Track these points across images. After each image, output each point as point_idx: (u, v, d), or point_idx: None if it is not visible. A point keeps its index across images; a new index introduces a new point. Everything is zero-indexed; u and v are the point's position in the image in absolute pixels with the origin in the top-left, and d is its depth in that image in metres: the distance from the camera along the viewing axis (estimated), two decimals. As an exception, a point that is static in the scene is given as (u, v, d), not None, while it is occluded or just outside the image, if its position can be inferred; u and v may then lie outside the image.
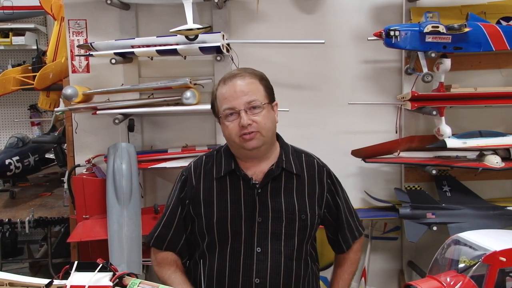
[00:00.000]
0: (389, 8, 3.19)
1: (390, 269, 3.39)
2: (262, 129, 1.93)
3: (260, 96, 1.95)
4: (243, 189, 1.99)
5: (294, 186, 2.02)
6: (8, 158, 4.25)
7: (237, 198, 1.98)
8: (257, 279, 1.93)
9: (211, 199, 2.00)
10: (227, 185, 2.00)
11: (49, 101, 4.71)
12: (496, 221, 2.87)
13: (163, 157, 3.06)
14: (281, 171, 2.01)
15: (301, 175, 2.04)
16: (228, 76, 1.98)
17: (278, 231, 1.96)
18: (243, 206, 1.97)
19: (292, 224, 1.98)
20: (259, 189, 1.97)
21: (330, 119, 3.27)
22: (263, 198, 1.97)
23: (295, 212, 1.98)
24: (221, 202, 1.99)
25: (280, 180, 2.01)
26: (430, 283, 1.65)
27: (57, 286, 1.49)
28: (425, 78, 2.83)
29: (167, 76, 3.11)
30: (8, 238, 4.08)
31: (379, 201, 3.18)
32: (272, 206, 1.97)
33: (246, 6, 3.17)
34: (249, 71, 2.00)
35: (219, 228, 1.97)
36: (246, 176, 1.99)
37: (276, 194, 1.99)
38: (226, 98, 1.94)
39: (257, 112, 1.93)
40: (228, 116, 1.93)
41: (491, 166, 2.91)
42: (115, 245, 2.80)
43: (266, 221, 1.96)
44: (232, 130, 1.93)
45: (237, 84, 1.94)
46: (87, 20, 3.17)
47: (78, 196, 3.03)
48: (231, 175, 2.01)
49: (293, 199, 2.00)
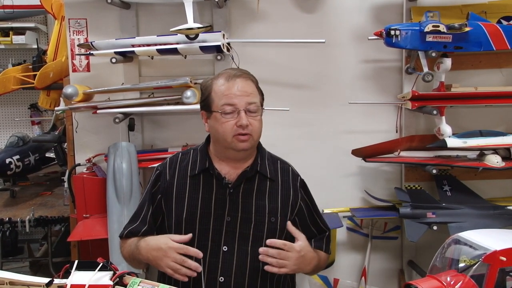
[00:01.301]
0: (389, 8, 3.18)
1: (390, 269, 3.39)
2: (255, 133, 1.96)
3: (258, 101, 1.98)
4: (215, 187, 2.00)
5: (266, 190, 2.03)
6: (9, 157, 4.25)
7: (208, 197, 1.99)
8: (222, 278, 1.94)
9: (183, 195, 2.00)
10: (200, 183, 2.01)
11: (50, 100, 4.71)
12: (496, 221, 2.87)
13: (164, 156, 3.05)
14: (255, 173, 2.02)
15: (275, 180, 2.05)
16: (230, 74, 1.97)
17: (247, 232, 1.96)
18: (213, 204, 1.97)
19: (260, 226, 1.98)
20: (231, 189, 1.98)
21: (330, 118, 3.27)
22: (234, 198, 1.98)
23: (265, 214, 1.99)
24: (192, 199, 1.99)
25: (253, 182, 2.02)
26: (430, 283, 1.65)
27: (57, 285, 1.49)
28: (426, 77, 2.83)
29: (168, 75, 3.11)
30: (8, 237, 4.09)
31: (379, 201, 3.18)
32: (242, 207, 1.98)
33: (246, 6, 3.17)
34: (249, 74, 2.02)
35: (187, 225, 1.97)
36: (220, 175, 2.00)
37: (247, 195, 2.00)
38: (227, 94, 1.93)
39: (254, 116, 1.94)
40: (226, 113, 1.93)
41: (491, 165, 2.91)
42: (116, 244, 2.80)
43: (235, 221, 1.97)
44: (227, 128, 1.93)
45: (240, 83, 1.94)
46: (88, 19, 3.17)
47: (78, 195, 3.03)
48: (205, 174, 2.02)
49: (264, 202, 2.00)
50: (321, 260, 2.08)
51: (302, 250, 1.91)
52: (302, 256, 1.90)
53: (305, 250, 1.93)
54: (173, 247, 1.83)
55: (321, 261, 2.08)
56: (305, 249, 1.93)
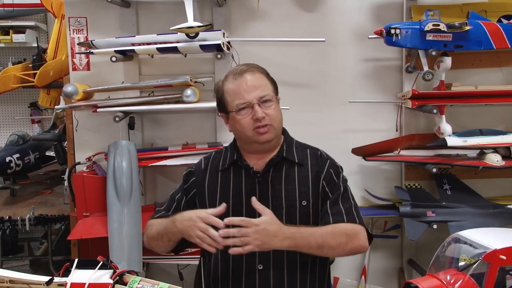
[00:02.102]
0: (389, 6, 3.18)
1: (390, 267, 3.39)
2: (274, 121, 1.97)
3: (270, 90, 1.99)
4: (244, 178, 2.02)
5: (295, 175, 2.02)
6: (9, 156, 4.24)
7: (239, 188, 2.01)
8: (260, 265, 1.95)
9: (215, 189, 2.04)
10: (230, 176, 2.04)
11: (50, 99, 4.71)
12: (496, 220, 2.87)
13: (164, 155, 3.07)
14: (281, 159, 2.03)
15: (304, 165, 2.04)
16: (237, 72, 1.99)
17: (279, 218, 1.93)
18: (244, 194, 1.99)
19: (292, 210, 1.98)
20: (259, 178, 2.00)
21: (331, 117, 3.27)
22: (264, 187, 1.99)
23: (296, 198, 1.98)
24: (224, 192, 2.03)
25: (281, 169, 2.02)
26: (430, 281, 1.65)
27: (57, 284, 1.49)
28: (426, 76, 2.83)
29: (168, 74, 3.11)
30: (8, 235, 4.07)
31: (379, 199, 3.18)
32: (272, 194, 1.98)
33: (246, 4, 3.17)
34: (255, 66, 2.03)
35: (221, 216, 1.97)
36: (248, 166, 2.02)
37: (276, 182, 2.00)
38: (237, 93, 1.95)
39: (269, 106, 1.96)
40: (240, 110, 1.95)
41: (491, 164, 2.91)
42: (116, 243, 2.80)
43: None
44: (245, 124, 1.95)
45: (248, 78, 1.96)
46: (88, 18, 3.17)
47: (78, 194, 3.03)
48: (235, 167, 2.05)
49: (294, 186, 2.00)
50: (327, 234, 1.88)
51: (262, 224, 1.78)
52: (263, 229, 1.77)
53: (266, 223, 1.78)
54: (201, 216, 1.83)
55: (327, 235, 1.87)
56: (267, 222, 1.79)
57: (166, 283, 1.49)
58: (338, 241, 1.89)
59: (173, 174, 3.29)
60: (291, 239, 1.82)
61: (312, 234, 1.86)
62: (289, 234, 1.82)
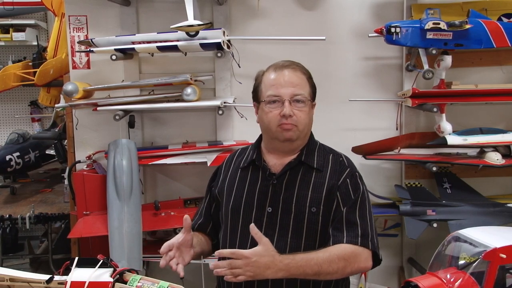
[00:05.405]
0: (390, 5, 3.18)
1: (390, 266, 3.39)
2: (300, 124, 1.94)
3: (306, 92, 1.96)
4: (260, 179, 2.01)
5: (311, 180, 1.98)
6: (9, 154, 4.25)
7: (253, 188, 2.01)
8: None
9: (232, 187, 2.05)
10: (248, 175, 2.04)
11: (50, 97, 4.71)
12: (496, 218, 2.88)
13: (164, 154, 3.06)
14: (299, 163, 2.00)
15: (322, 171, 1.99)
16: (279, 65, 1.99)
17: (286, 223, 1.94)
18: (257, 195, 1.99)
19: (300, 216, 1.93)
20: (274, 180, 1.98)
21: (331, 115, 3.26)
22: (277, 189, 1.97)
23: (306, 204, 1.94)
24: (239, 191, 2.03)
25: (297, 173, 2.00)
26: (430, 280, 1.66)
27: (57, 282, 1.50)
28: (426, 75, 2.83)
29: (168, 72, 3.11)
30: (8, 234, 4.08)
31: (379, 198, 3.18)
32: (284, 198, 1.96)
33: (246, 3, 3.17)
34: (299, 65, 2.03)
35: (232, 215, 2.00)
36: (265, 167, 2.01)
37: (291, 186, 1.97)
38: (273, 84, 1.95)
39: (300, 107, 1.93)
40: (271, 102, 1.94)
41: (491, 163, 2.91)
42: (116, 241, 2.80)
43: (276, 212, 1.95)
44: (272, 118, 1.94)
45: (287, 74, 1.95)
46: (88, 16, 3.17)
47: (78, 192, 3.03)
48: (254, 166, 2.05)
49: (306, 192, 1.96)
50: (323, 261, 1.81)
51: (253, 256, 1.74)
52: (254, 261, 1.73)
53: (257, 255, 1.74)
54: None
55: (323, 263, 1.81)
56: (258, 254, 1.75)
57: (166, 282, 1.50)
58: (335, 267, 1.82)
59: (173, 172, 3.29)
60: (285, 270, 1.77)
61: (307, 263, 1.79)
62: (282, 266, 1.77)
